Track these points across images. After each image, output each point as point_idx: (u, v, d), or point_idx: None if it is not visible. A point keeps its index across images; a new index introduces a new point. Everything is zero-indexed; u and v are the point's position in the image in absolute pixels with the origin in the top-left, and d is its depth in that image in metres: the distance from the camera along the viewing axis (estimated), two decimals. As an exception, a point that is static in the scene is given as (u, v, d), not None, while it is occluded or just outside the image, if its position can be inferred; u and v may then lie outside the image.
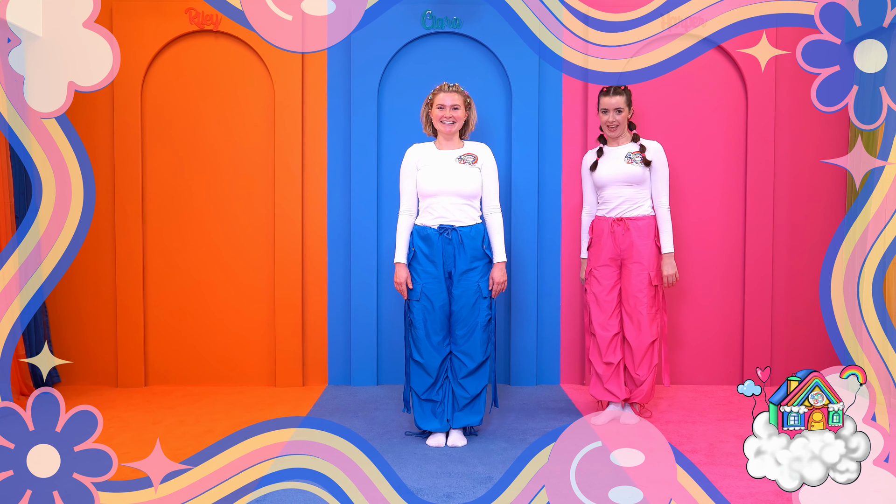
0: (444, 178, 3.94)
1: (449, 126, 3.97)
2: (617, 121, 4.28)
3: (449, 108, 3.96)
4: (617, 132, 4.32)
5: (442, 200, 3.94)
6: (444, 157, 4.00)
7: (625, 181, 4.27)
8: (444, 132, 4.00)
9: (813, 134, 5.38)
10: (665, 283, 4.29)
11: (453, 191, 3.93)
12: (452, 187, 3.93)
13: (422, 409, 4.04)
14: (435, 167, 3.97)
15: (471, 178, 3.96)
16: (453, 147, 4.04)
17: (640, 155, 4.26)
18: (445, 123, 3.96)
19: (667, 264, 4.27)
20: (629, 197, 4.29)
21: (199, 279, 5.46)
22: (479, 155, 4.02)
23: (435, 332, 3.99)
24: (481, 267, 3.98)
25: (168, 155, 5.41)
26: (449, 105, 3.95)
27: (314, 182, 5.44)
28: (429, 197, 3.98)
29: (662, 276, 4.29)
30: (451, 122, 3.96)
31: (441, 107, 3.96)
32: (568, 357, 5.46)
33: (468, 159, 3.99)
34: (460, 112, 3.98)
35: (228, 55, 5.40)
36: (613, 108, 4.27)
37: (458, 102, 3.97)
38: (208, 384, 5.47)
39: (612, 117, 4.28)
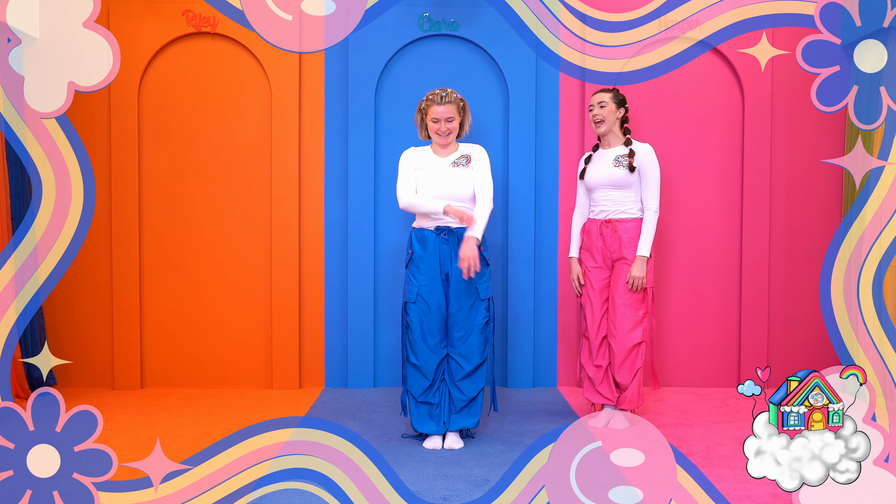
0: (439, 183, 3.97)
1: (445, 138, 4.00)
2: (601, 115, 4.29)
3: (443, 121, 3.96)
4: (602, 128, 4.32)
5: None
6: (440, 163, 4.03)
7: (611, 184, 4.29)
8: (440, 144, 4.03)
9: (809, 135, 5.40)
10: (630, 286, 4.24)
11: (449, 195, 3.96)
12: (448, 192, 3.96)
13: (418, 412, 4.03)
14: (430, 172, 4.00)
15: (466, 181, 3.99)
16: (449, 152, 4.06)
17: (629, 159, 4.26)
18: (441, 136, 3.99)
19: (636, 266, 4.22)
20: (617, 200, 4.30)
21: (196, 281, 5.45)
22: (472, 155, 4.04)
23: (431, 335, 3.99)
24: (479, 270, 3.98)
25: (165, 156, 5.40)
26: (443, 119, 3.96)
27: (311, 184, 5.44)
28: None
29: (634, 278, 4.24)
30: (446, 135, 3.99)
31: (436, 120, 3.97)
32: (565, 360, 5.45)
33: (462, 161, 4.01)
34: (454, 123, 3.99)
35: (226, 57, 5.39)
36: (597, 102, 4.31)
37: (453, 114, 3.96)
38: (205, 387, 5.46)
39: (595, 111, 4.32)
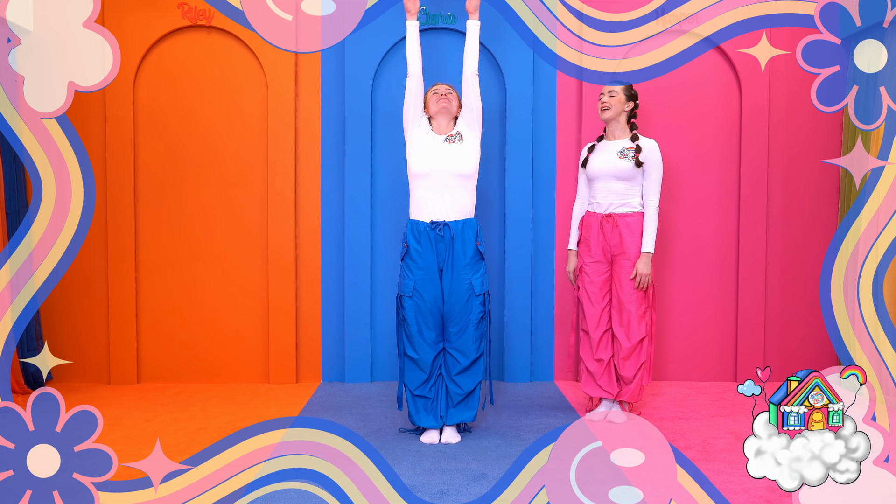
0: (435, 156, 3.98)
1: (444, 103, 4.05)
2: (609, 103, 4.30)
3: (443, 92, 4.08)
4: (608, 115, 4.33)
5: (434, 183, 3.95)
6: (436, 138, 4.04)
7: (615, 175, 4.28)
8: (440, 110, 4.05)
9: (807, 133, 5.41)
10: (636, 283, 4.26)
11: (444, 169, 3.95)
12: (444, 166, 3.95)
13: (415, 406, 4.05)
14: (426, 144, 4.02)
15: (462, 154, 3.99)
16: (445, 131, 4.08)
17: (634, 153, 4.26)
18: (441, 102, 4.04)
19: (642, 263, 4.24)
20: (619, 192, 4.29)
21: (193, 275, 5.44)
22: (459, 130, 4.08)
23: (428, 329, 4.00)
24: (473, 264, 3.99)
25: (161, 151, 5.38)
26: (443, 89, 4.09)
27: (308, 177, 5.42)
28: (420, 177, 3.99)
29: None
30: (444, 99, 4.04)
31: (436, 92, 4.09)
32: (562, 354, 5.46)
33: (455, 138, 4.03)
34: (454, 97, 4.09)
35: (221, 50, 5.37)
36: (608, 91, 4.32)
37: (452, 90, 4.11)
38: (201, 381, 5.45)
39: (605, 98, 4.32)
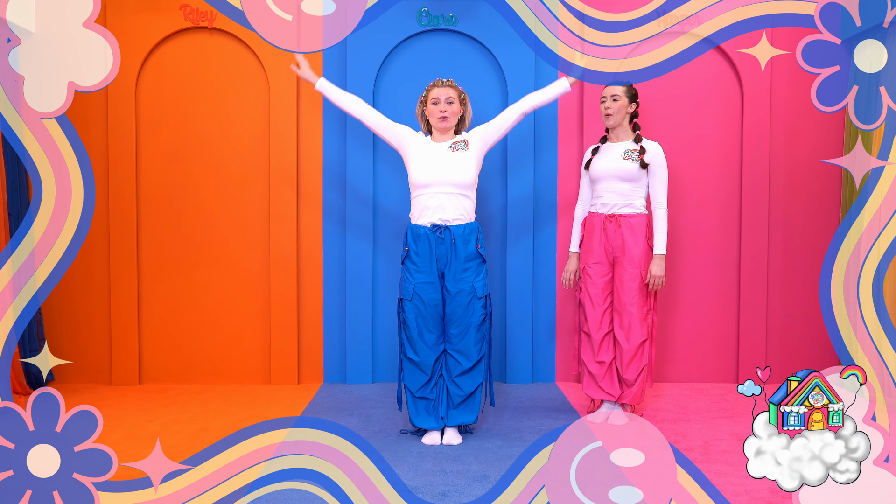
0: (436, 167, 3.91)
1: (444, 122, 3.95)
2: (612, 108, 4.28)
3: (443, 101, 3.94)
4: (612, 122, 4.31)
5: (435, 192, 3.92)
6: (438, 147, 3.97)
7: (619, 176, 4.27)
8: (440, 128, 3.98)
9: (808, 133, 5.40)
10: (650, 285, 4.25)
11: (446, 180, 3.90)
12: (445, 176, 3.90)
13: (416, 407, 4.04)
14: (427, 155, 3.95)
15: (463, 165, 3.93)
16: (447, 138, 4.02)
17: (639, 154, 4.25)
18: (440, 119, 3.94)
19: (655, 265, 4.23)
20: (623, 193, 4.28)
21: (194, 276, 5.44)
22: (469, 139, 4.01)
23: (428, 331, 3.99)
24: (475, 267, 3.98)
25: (163, 152, 5.38)
26: (443, 99, 3.94)
27: (310, 178, 5.42)
28: (421, 188, 3.94)
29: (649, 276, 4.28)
30: (445, 117, 3.93)
31: (436, 101, 3.95)
32: (563, 355, 5.46)
33: (460, 146, 3.97)
34: (455, 106, 3.96)
35: (223, 52, 5.37)
36: (610, 95, 4.29)
37: (453, 96, 3.95)
38: (203, 382, 5.46)
39: (608, 104, 4.29)
